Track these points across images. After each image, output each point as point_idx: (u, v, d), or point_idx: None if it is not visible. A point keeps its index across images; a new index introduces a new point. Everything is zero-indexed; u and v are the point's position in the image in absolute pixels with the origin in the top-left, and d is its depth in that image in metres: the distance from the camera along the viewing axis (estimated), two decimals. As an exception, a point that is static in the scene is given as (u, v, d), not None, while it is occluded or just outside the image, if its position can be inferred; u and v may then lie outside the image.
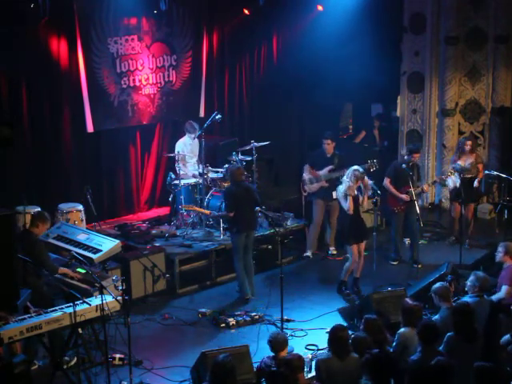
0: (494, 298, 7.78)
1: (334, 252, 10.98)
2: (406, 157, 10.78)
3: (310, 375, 6.88)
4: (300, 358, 6.22)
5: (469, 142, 11.22)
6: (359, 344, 6.41)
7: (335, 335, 6.41)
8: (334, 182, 10.57)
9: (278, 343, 6.63)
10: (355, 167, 9.35)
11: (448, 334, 6.58)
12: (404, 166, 10.44)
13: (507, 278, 7.95)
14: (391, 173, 10.67)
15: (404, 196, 10.44)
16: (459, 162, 11.04)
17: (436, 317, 7.23)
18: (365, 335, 6.53)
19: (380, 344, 6.54)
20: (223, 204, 10.44)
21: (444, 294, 7.28)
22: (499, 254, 8.27)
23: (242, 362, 6.86)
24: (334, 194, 10.53)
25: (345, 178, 9.37)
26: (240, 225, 9.40)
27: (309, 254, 10.90)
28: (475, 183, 11.11)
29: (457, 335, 6.54)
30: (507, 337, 6.69)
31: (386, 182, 10.63)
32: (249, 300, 9.42)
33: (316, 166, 10.80)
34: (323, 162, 10.76)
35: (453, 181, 11.00)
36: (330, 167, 10.68)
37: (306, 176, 10.82)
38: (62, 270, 7.98)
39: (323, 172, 10.72)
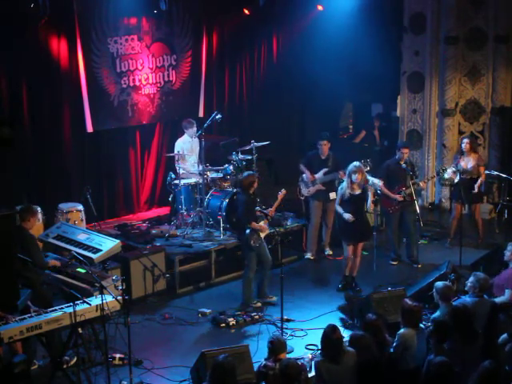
0: (498, 300, 7.76)
1: (330, 252, 10.93)
2: (397, 156, 10.57)
3: (310, 375, 6.87)
4: (294, 366, 6.00)
5: (466, 141, 11.08)
6: (357, 342, 6.40)
7: (328, 339, 6.34)
8: (331, 184, 10.56)
9: (277, 346, 6.51)
10: (353, 163, 9.35)
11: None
12: (404, 165, 10.41)
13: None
14: (383, 174, 10.57)
15: (397, 196, 10.42)
16: (461, 163, 10.94)
17: (435, 315, 7.23)
18: (363, 333, 6.52)
19: (379, 345, 6.53)
20: (223, 203, 10.46)
21: (445, 294, 7.27)
22: (507, 253, 8.30)
23: (242, 362, 6.86)
24: (332, 195, 10.55)
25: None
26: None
27: (309, 255, 10.87)
28: (475, 188, 10.84)
29: (456, 335, 6.54)
30: (505, 336, 6.69)
31: (379, 184, 10.56)
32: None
33: (311, 168, 10.71)
34: (318, 163, 10.68)
35: (451, 172, 10.87)
36: (325, 170, 10.59)
37: (306, 177, 10.71)
38: (52, 262, 7.98)
39: (319, 175, 10.62)
